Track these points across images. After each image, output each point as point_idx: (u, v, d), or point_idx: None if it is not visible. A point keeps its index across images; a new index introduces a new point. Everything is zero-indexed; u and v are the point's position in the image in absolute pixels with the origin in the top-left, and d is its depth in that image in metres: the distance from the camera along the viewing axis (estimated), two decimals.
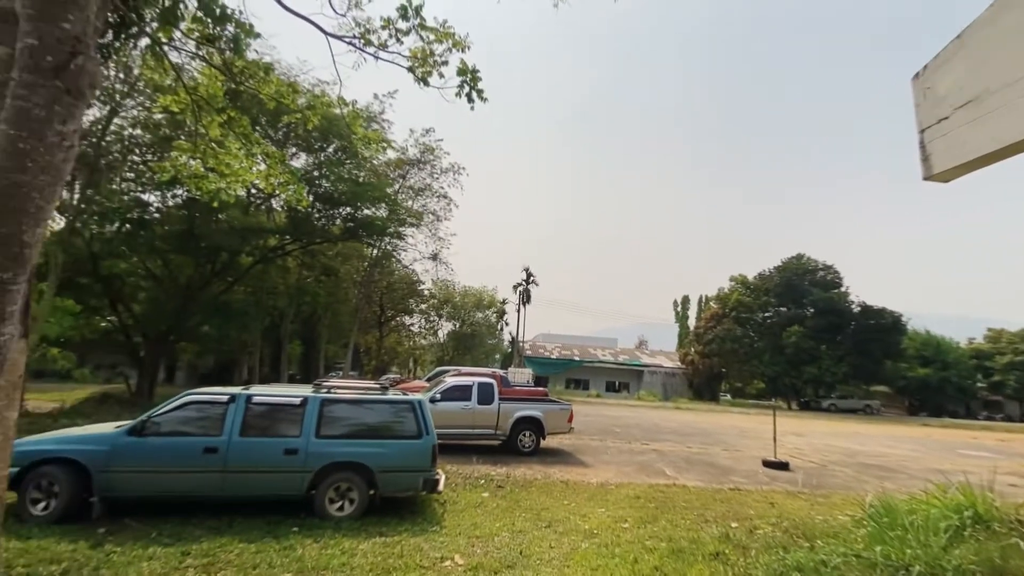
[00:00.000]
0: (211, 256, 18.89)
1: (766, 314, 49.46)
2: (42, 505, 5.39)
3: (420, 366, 53.03)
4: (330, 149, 21.04)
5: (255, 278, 21.21)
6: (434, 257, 31.59)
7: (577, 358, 49.95)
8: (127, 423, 5.93)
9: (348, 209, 21.39)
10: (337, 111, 8.72)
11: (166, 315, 18.41)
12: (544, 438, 11.66)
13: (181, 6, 4.62)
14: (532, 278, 50.51)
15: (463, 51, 6.25)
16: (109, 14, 4.34)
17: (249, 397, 6.14)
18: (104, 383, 22.14)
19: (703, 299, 64.72)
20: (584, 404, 30.17)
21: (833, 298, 45.72)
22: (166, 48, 5.90)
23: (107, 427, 6.03)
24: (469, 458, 10.21)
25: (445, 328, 49.40)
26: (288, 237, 20.86)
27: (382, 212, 22.30)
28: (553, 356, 49.97)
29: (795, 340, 44.48)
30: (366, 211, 21.50)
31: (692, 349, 50.22)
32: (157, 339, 18.65)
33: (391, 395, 6.88)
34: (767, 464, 11.66)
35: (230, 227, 17.79)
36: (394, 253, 31.06)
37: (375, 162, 23.44)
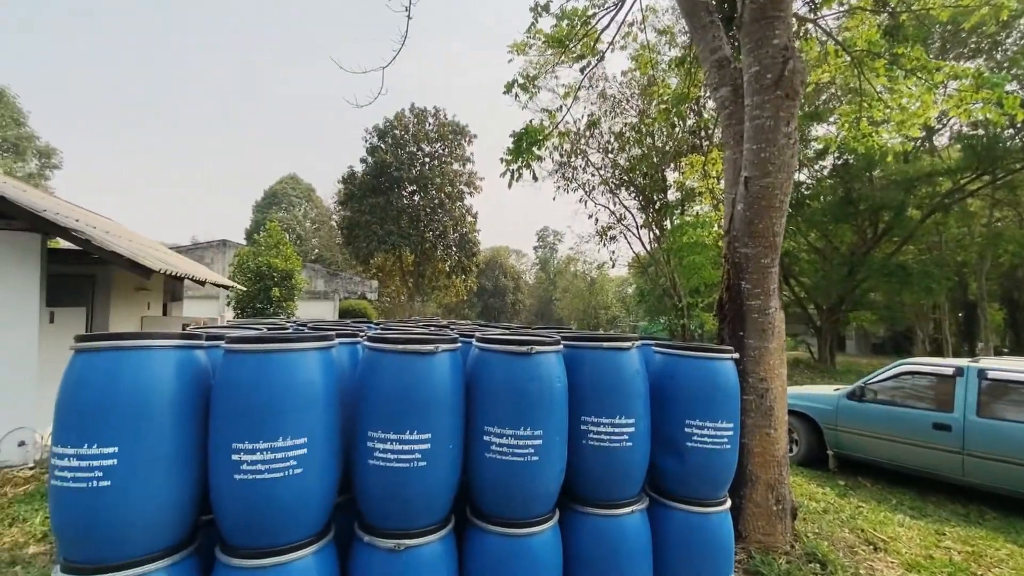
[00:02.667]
0: (871, 218, 17.82)
1: None
2: None
3: None
4: (1008, 40, 15.23)
5: (927, 232, 18.14)
6: None
7: None
8: (845, 387, 6.28)
9: None
10: None
11: (834, 285, 18.78)
12: None
13: None
14: None
15: None
16: None
17: (981, 371, 5.12)
18: (791, 350, 25.23)
19: None
20: None
21: None
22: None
23: (827, 389, 6.62)
24: None
25: None
26: (968, 174, 16.54)
27: None
28: None
29: None
30: None
31: None
32: (829, 309, 19.36)
33: None
34: None
35: (889, 182, 16.14)
36: None
37: None
